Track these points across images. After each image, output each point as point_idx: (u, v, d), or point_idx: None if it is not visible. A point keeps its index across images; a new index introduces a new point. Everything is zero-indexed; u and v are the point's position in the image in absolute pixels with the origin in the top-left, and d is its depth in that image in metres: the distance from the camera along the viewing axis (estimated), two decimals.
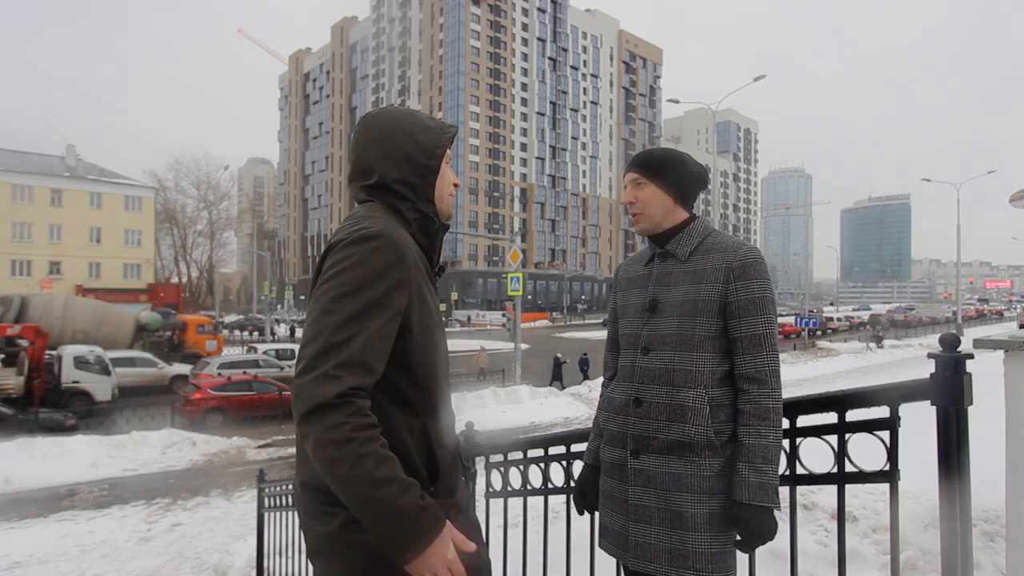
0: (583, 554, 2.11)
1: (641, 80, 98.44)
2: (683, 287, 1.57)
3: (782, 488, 1.48)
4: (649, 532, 1.52)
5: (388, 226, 1.26)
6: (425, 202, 1.38)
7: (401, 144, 1.36)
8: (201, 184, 64.24)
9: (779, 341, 1.56)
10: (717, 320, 1.52)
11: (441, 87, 76.87)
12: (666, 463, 1.51)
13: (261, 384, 16.58)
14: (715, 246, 1.58)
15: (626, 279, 1.76)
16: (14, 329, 17.15)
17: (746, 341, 1.49)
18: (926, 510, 3.12)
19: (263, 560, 5.31)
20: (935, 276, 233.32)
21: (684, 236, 1.63)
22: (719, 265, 1.54)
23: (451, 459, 1.40)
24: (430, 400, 1.33)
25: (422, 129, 1.38)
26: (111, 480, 10.71)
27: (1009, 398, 1.79)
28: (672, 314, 1.57)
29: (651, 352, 1.58)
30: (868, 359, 27.08)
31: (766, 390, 1.46)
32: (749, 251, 1.54)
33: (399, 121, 1.38)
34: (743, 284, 1.51)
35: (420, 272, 1.30)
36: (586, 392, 18.02)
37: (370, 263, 1.19)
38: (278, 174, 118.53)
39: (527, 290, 66.36)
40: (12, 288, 30.44)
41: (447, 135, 1.41)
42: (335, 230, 1.30)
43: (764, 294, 1.51)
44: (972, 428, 1.28)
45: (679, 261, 1.61)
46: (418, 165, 1.36)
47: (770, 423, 1.44)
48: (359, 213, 1.33)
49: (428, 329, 1.31)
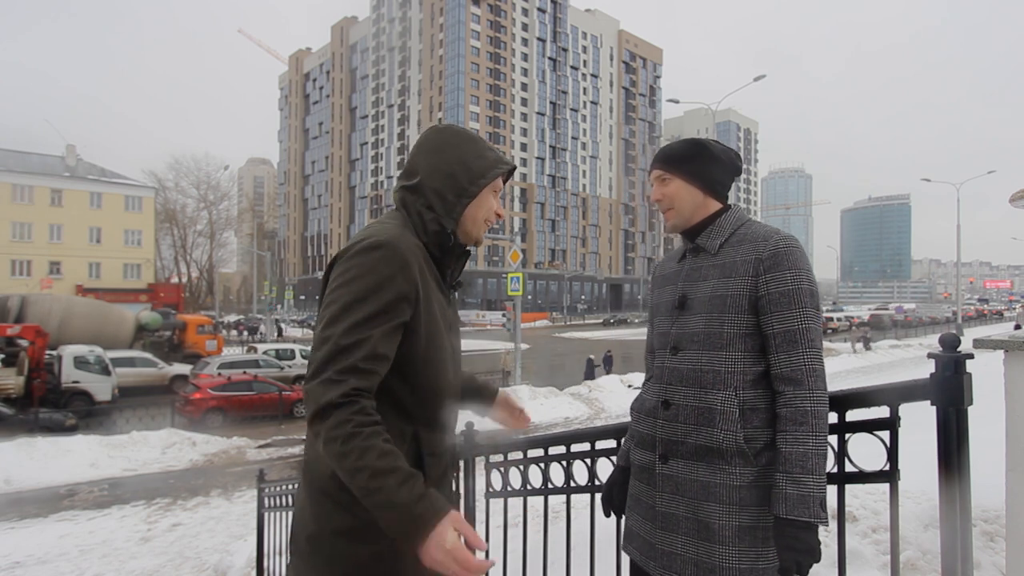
0: (583, 554, 2.11)
1: (641, 80, 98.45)
2: (712, 282, 1.48)
3: None
4: (676, 542, 1.45)
5: (396, 236, 1.29)
6: (450, 219, 1.40)
7: (450, 161, 1.40)
8: (201, 184, 64.28)
9: (820, 334, 1.40)
10: (748, 316, 1.42)
11: (441, 87, 76.88)
12: (695, 470, 1.43)
13: (261, 384, 16.58)
14: (746, 237, 1.48)
15: (661, 276, 1.68)
16: (14, 329, 17.17)
17: (780, 338, 1.38)
18: (926, 510, 3.12)
19: (263, 560, 5.32)
20: (935, 276, 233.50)
21: (715, 228, 1.54)
22: (748, 257, 1.44)
23: (442, 469, 1.41)
24: (427, 409, 1.34)
25: (477, 156, 1.42)
26: (111, 480, 10.71)
27: (1009, 398, 1.79)
28: (700, 311, 1.48)
29: (680, 352, 1.50)
30: (868, 359, 27.06)
31: (803, 391, 1.34)
32: (781, 239, 1.43)
33: (458, 141, 1.43)
34: (774, 276, 1.39)
35: (428, 282, 1.32)
36: (586, 392, 18.01)
37: (375, 272, 1.23)
38: (278, 174, 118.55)
39: (527, 290, 66.41)
40: (12, 288, 30.46)
41: (498, 170, 1.44)
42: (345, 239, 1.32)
43: (799, 285, 1.38)
44: (972, 428, 1.28)
45: (710, 255, 1.53)
46: (459, 186, 1.40)
47: (809, 428, 1.31)
48: (373, 223, 1.38)
49: (432, 338, 1.32)
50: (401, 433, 1.29)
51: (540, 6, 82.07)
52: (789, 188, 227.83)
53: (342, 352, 1.17)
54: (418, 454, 1.32)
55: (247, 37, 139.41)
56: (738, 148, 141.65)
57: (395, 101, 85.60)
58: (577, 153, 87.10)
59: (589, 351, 23.53)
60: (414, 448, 1.31)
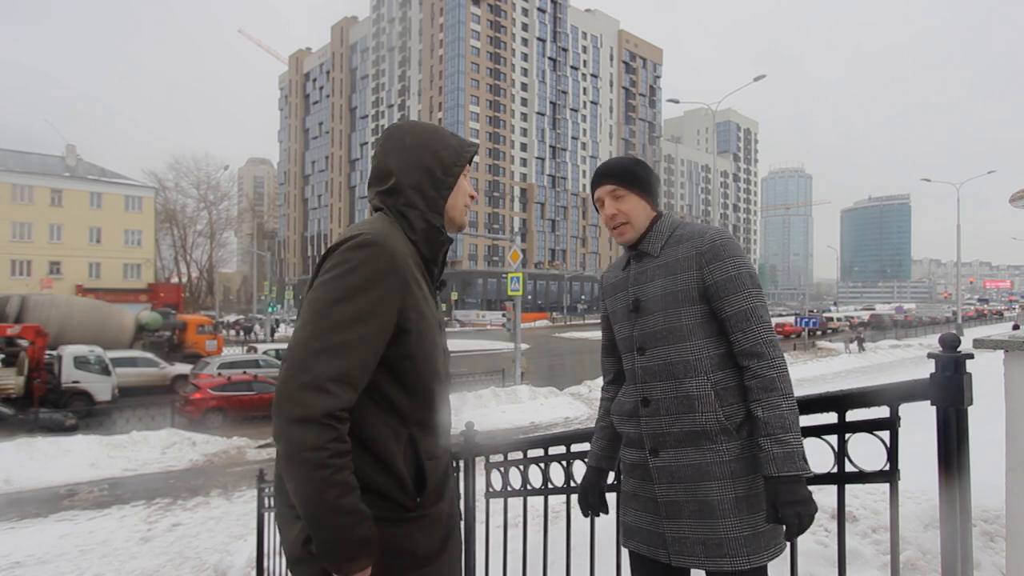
0: (583, 554, 2.12)
1: (641, 80, 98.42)
2: (659, 281, 1.59)
3: None
4: (683, 527, 1.51)
5: (386, 234, 1.27)
6: (434, 213, 1.41)
7: (421, 156, 1.40)
8: (201, 184, 64.27)
9: (772, 322, 1.53)
10: (700, 306, 1.53)
11: (441, 87, 76.84)
12: (685, 456, 1.51)
13: (261, 384, 16.57)
14: (683, 236, 1.60)
15: (610, 285, 1.78)
16: (14, 329, 17.16)
17: (734, 319, 1.49)
18: (926, 510, 3.12)
19: (263, 560, 5.32)
20: (935, 276, 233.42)
21: (654, 233, 1.66)
22: (690, 253, 1.56)
23: (442, 471, 1.41)
24: (421, 410, 1.33)
25: (444, 145, 1.43)
26: (111, 480, 10.71)
27: (1009, 398, 1.79)
28: (655, 309, 1.58)
29: (647, 351, 1.59)
30: (868, 359, 27.06)
31: (765, 362, 1.45)
32: (716, 233, 1.56)
33: (423, 135, 1.43)
34: (716, 265, 1.51)
35: (416, 281, 1.31)
36: (586, 392, 18.02)
37: (364, 270, 1.21)
38: (278, 174, 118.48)
39: (527, 290, 66.43)
40: (12, 288, 30.46)
41: (467, 153, 1.46)
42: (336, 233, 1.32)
43: (739, 271, 1.50)
44: (972, 428, 1.28)
45: (652, 258, 1.64)
46: (435, 178, 1.41)
47: (779, 392, 1.42)
48: (362, 221, 1.37)
49: (423, 338, 1.30)
50: (396, 435, 1.27)
51: (540, 6, 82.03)
52: (789, 188, 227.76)
53: (328, 352, 1.15)
54: (417, 460, 1.30)
55: (247, 37, 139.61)
56: (738, 148, 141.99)
57: (395, 101, 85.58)
58: (577, 153, 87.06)
59: (589, 351, 23.50)
60: (412, 452, 1.29)
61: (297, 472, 1.13)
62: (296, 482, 1.14)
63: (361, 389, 1.20)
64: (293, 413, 1.13)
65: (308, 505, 1.13)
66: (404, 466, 1.27)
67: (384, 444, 1.25)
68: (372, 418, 1.25)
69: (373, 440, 1.25)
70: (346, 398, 1.16)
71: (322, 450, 1.12)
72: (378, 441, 1.25)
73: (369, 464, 1.24)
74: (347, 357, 1.16)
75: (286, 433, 1.14)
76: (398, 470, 1.26)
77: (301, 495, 1.14)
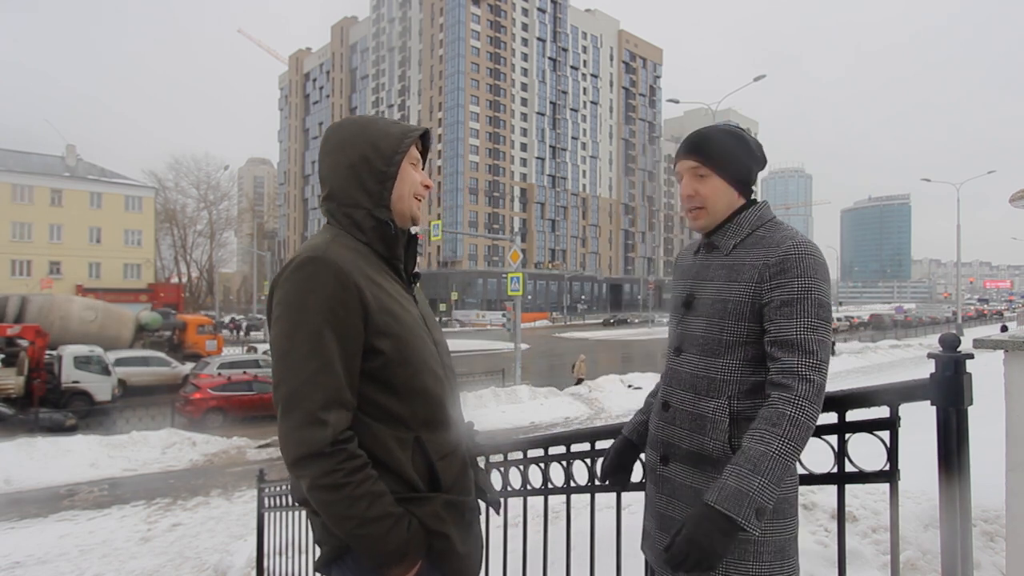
0: (583, 554, 2.11)
1: (641, 80, 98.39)
2: (718, 283, 1.40)
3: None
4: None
5: (325, 247, 1.25)
6: (381, 208, 1.34)
7: (360, 150, 1.34)
8: (201, 184, 64.19)
9: (828, 361, 1.28)
10: (749, 324, 1.34)
11: (441, 87, 76.84)
12: (689, 475, 1.41)
13: (261, 384, 16.57)
14: (762, 240, 1.37)
15: (679, 268, 1.58)
16: (14, 329, 17.19)
17: (776, 346, 1.29)
18: (926, 510, 3.12)
19: (263, 560, 5.31)
20: (935, 276, 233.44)
21: (732, 227, 1.43)
22: (757, 261, 1.34)
23: (460, 466, 1.39)
24: (422, 410, 1.30)
25: (383, 135, 1.36)
26: (111, 480, 10.71)
27: (1009, 398, 1.79)
28: (702, 313, 1.41)
29: (682, 354, 1.46)
30: (868, 359, 27.05)
31: (787, 395, 1.24)
32: (795, 245, 1.32)
33: (353, 129, 1.37)
34: (780, 282, 1.30)
35: (376, 284, 1.27)
36: (586, 392, 18.00)
37: (311, 292, 1.19)
38: (278, 174, 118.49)
39: (527, 290, 66.37)
40: (12, 288, 30.44)
41: (408, 140, 1.37)
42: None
43: (807, 294, 1.28)
44: (972, 428, 1.28)
45: (722, 254, 1.43)
46: (376, 171, 1.34)
47: (780, 431, 1.21)
48: (305, 242, 1.34)
49: (401, 340, 1.27)
50: (400, 441, 1.26)
51: (540, 6, 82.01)
52: (789, 188, 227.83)
53: (305, 387, 1.16)
54: (427, 459, 1.29)
55: (247, 37, 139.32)
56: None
57: (395, 101, 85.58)
58: (577, 153, 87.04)
59: (588, 351, 23.50)
60: (421, 454, 1.28)
61: (322, 499, 1.17)
62: (325, 509, 1.19)
63: (354, 401, 1.22)
64: (299, 452, 1.16)
65: (342, 524, 1.18)
66: (414, 472, 1.27)
67: (390, 454, 1.25)
68: (371, 431, 1.24)
69: (377, 453, 1.24)
70: (342, 420, 1.18)
71: (336, 472, 1.15)
72: (380, 451, 1.24)
73: (380, 477, 1.24)
74: (326, 381, 1.17)
75: (298, 471, 1.18)
76: (407, 476, 1.26)
77: (333, 518, 1.19)
